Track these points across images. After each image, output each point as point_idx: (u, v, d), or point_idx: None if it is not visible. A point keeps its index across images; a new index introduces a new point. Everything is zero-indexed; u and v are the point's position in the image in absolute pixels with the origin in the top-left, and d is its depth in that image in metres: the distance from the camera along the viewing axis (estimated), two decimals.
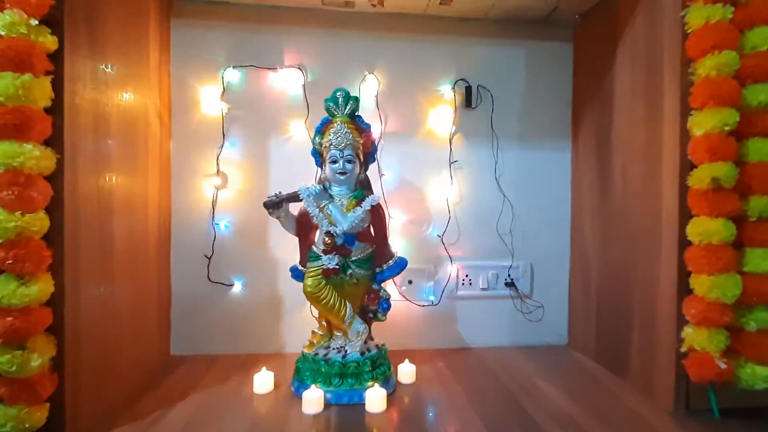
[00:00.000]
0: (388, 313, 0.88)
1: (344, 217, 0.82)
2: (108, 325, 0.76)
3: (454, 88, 1.10)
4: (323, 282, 0.83)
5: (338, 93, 0.84)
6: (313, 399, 0.77)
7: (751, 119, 0.71)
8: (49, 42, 0.60)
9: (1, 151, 0.57)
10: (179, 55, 1.03)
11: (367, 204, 0.83)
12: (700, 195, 0.71)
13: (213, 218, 1.04)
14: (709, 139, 0.70)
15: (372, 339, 0.88)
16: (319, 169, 0.90)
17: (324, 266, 0.82)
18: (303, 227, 0.87)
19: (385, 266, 0.87)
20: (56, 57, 0.62)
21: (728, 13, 0.70)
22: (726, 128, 0.69)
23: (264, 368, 0.86)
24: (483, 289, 1.12)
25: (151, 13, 0.93)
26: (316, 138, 0.86)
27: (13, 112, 0.57)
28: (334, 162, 0.83)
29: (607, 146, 0.99)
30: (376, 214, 0.86)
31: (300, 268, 0.89)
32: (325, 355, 0.83)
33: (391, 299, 0.89)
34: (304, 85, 1.06)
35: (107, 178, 0.75)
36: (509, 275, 1.13)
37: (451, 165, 1.10)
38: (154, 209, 0.94)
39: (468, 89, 1.10)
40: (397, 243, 1.08)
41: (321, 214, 0.82)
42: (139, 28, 0.88)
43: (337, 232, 0.81)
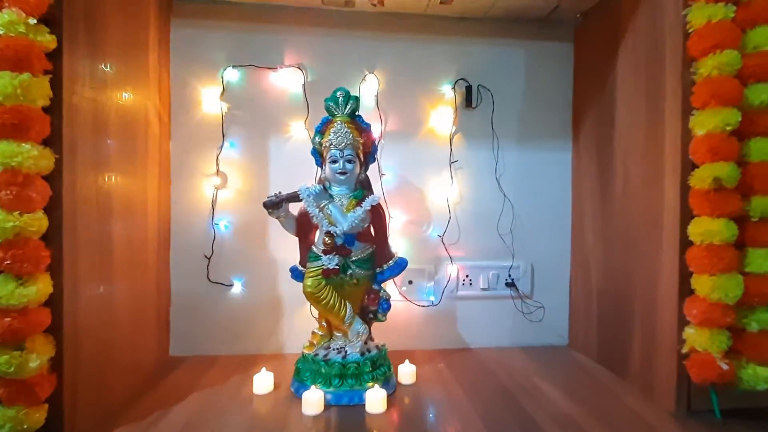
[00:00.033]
0: (389, 313, 0.87)
1: (344, 217, 0.82)
2: (107, 326, 0.75)
3: (454, 87, 1.10)
4: (323, 282, 0.83)
5: (338, 92, 0.84)
6: (313, 400, 0.76)
7: (753, 119, 0.71)
8: (48, 41, 0.60)
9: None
10: (179, 55, 1.03)
11: (367, 204, 0.82)
12: (701, 195, 0.71)
13: (213, 218, 1.04)
14: (711, 138, 0.70)
15: (372, 339, 0.88)
16: (319, 168, 0.90)
17: (324, 266, 0.81)
18: (303, 227, 0.87)
19: (385, 266, 0.87)
20: (55, 56, 0.61)
21: (730, 13, 0.70)
22: (728, 128, 0.69)
23: (264, 369, 0.86)
24: (483, 289, 1.12)
25: (150, 12, 0.92)
26: (316, 138, 0.86)
27: (12, 111, 0.56)
28: (334, 162, 0.83)
29: (608, 146, 0.99)
30: (377, 214, 0.85)
31: (300, 268, 0.89)
32: (325, 355, 0.83)
33: (391, 299, 0.88)
34: (304, 85, 1.06)
35: (106, 178, 0.75)
36: (510, 275, 1.12)
37: (452, 165, 1.10)
38: (154, 209, 0.94)
39: (468, 89, 1.10)
40: (398, 243, 1.07)
41: (321, 214, 0.82)
42: (139, 28, 0.88)
43: (337, 232, 0.81)
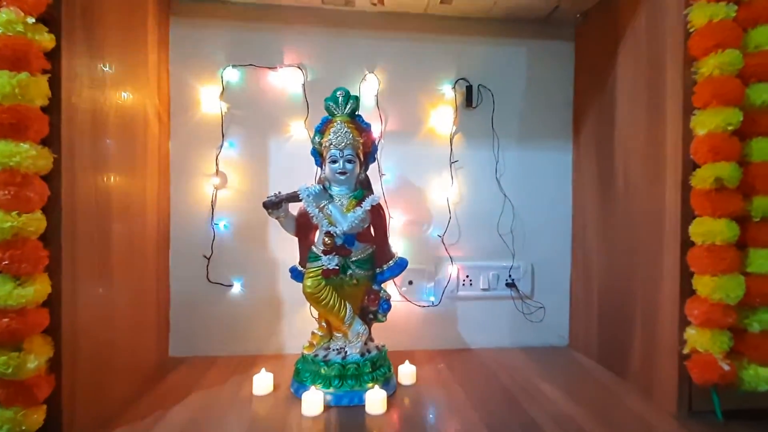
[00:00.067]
0: (389, 313, 0.87)
1: (344, 218, 0.81)
2: (106, 327, 0.75)
3: (454, 87, 1.10)
4: (323, 283, 0.82)
5: (338, 92, 0.84)
6: (313, 401, 0.76)
7: (755, 118, 0.70)
8: (46, 40, 0.59)
9: None
10: (178, 54, 1.03)
11: (367, 204, 0.82)
12: (702, 195, 0.71)
13: (212, 218, 1.04)
14: (712, 138, 0.69)
15: (372, 340, 0.88)
16: (318, 168, 0.90)
17: (324, 267, 0.81)
18: (302, 227, 0.87)
19: (385, 267, 0.86)
20: (53, 56, 0.61)
21: (732, 12, 0.70)
22: (729, 128, 0.69)
23: (263, 369, 0.86)
24: (484, 289, 1.12)
25: (149, 11, 0.92)
26: (316, 137, 0.86)
27: (10, 111, 0.56)
28: (334, 162, 0.82)
29: (608, 146, 0.99)
30: (377, 215, 0.85)
31: (299, 268, 0.89)
32: (325, 356, 0.83)
33: (391, 300, 0.88)
34: (303, 85, 1.06)
35: (105, 178, 0.75)
36: (510, 276, 1.12)
37: (452, 165, 1.10)
38: (153, 209, 0.94)
39: (469, 89, 1.10)
40: (398, 243, 1.07)
41: (321, 215, 0.82)
42: (138, 27, 0.88)
43: (337, 232, 0.81)
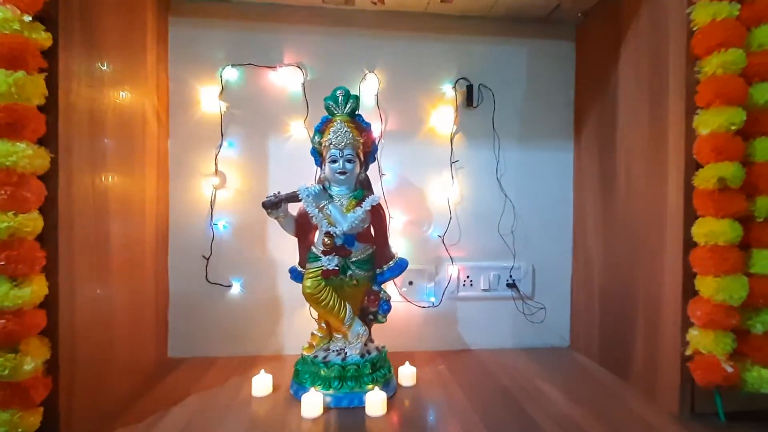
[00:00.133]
0: (389, 314, 0.87)
1: (344, 218, 0.81)
2: (104, 327, 0.75)
3: (455, 87, 1.09)
4: (323, 283, 0.82)
5: (338, 91, 0.83)
6: (313, 402, 0.76)
7: (758, 118, 0.70)
8: (43, 39, 0.59)
9: None
10: (177, 53, 1.02)
11: (367, 204, 0.82)
12: (705, 195, 0.70)
13: (211, 218, 1.03)
14: (715, 138, 0.69)
15: (372, 341, 0.87)
16: (318, 168, 0.89)
17: (323, 267, 0.81)
18: (302, 228, 0.86)
19: (385, 267, 0.86)
20: (50, 54, 0.60)
21: (735, 11, 0.69)
22: (732, 127, 0.68)
23: (263, 370, 0.86)
24: (484, 290, 1.11)
25: (148, 10, 0.91)
26: (316, 137, 0.85)
27: (6, 110, 0.55)
28: (334, 161, 0.82)
29: (610, 146, 0.98)
30: (377, 215, 0.85)
31: (299, 269, 0.88)
32: (325, 357, 0.82)
33: (391, 300, 0.88)
34: (303, 84, 1.05)
35: (103, 178, 0.74)
36: (511, 276, 1.12)
37: (452, 165, 1.09)
38: (152, 209, 0.93)
39: (469, 88, 1.09)
40: (398, 243, 1.07)
41: (320, 215, 0.81)
42: (136, 26, 0.87)
43: (337, 232, 0.80)
